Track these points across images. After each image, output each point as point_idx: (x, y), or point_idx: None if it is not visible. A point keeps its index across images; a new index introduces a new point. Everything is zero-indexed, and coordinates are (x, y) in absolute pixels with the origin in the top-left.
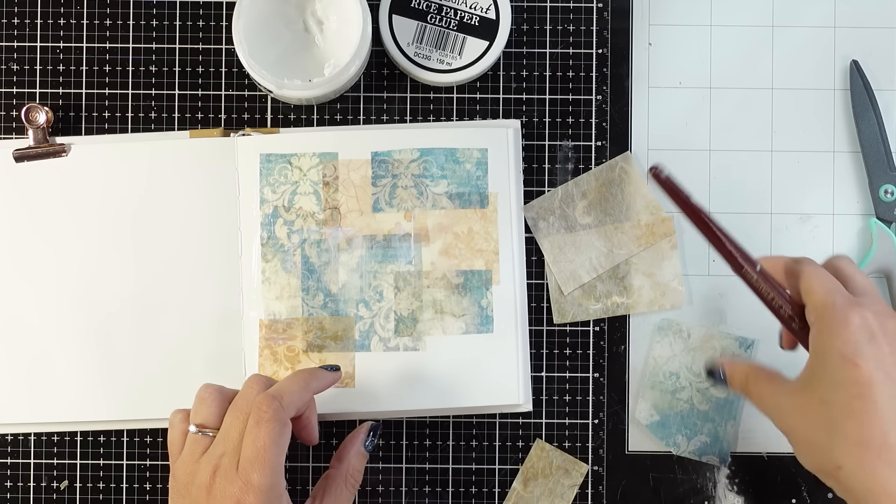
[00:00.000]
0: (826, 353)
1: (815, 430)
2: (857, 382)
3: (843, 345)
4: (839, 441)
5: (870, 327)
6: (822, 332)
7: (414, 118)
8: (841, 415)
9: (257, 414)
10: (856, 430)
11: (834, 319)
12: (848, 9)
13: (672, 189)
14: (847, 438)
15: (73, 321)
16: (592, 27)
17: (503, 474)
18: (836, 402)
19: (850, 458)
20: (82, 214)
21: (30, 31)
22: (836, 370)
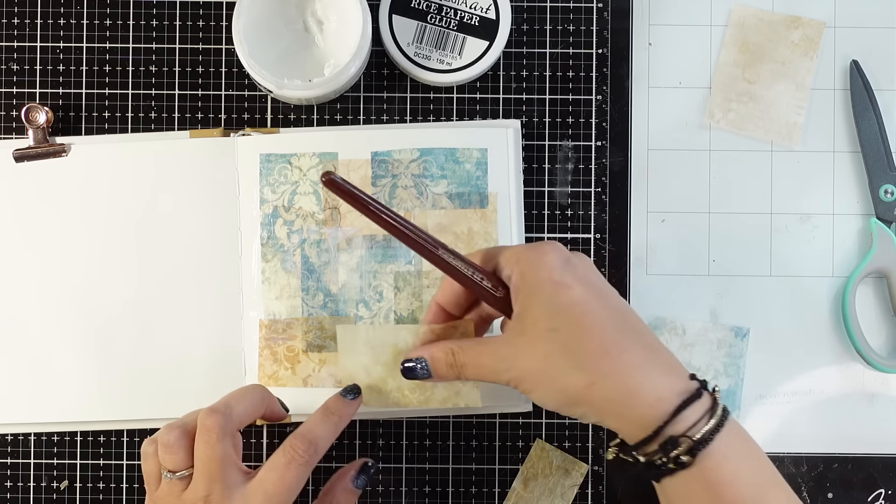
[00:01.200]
0: (535, 286)
1: (552, 359)
2: (576, 302)
3: (550, 272)
4: (582, 358)
5: (564, 255)
6: (526, 272)
7: (414, 118)
8: (574, 336)
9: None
10: (594, 343)
11: (532, 256)
12: (847, 9)
13: (347, 193)
14: (589, 354)
15: (73, 321)
16: (592, 27)
17: (503, 474)
18: (564, 326)
19: (597, 370)
20: (82, 214)
21: (30, 31)
22: (551, 298)
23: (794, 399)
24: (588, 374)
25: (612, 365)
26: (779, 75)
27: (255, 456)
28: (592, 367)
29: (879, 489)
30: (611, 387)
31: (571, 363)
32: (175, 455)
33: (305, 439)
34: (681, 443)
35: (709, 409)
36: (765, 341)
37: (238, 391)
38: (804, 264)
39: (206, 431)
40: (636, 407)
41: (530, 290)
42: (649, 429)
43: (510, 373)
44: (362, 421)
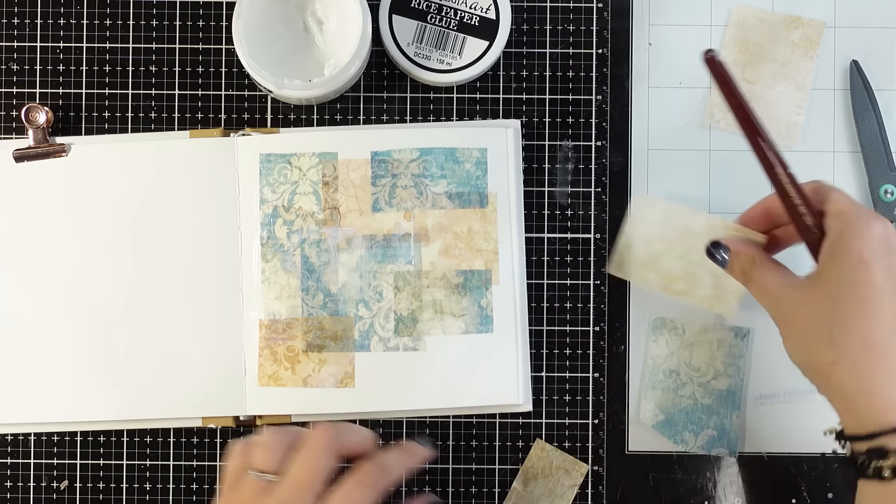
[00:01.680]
0: (843, 252)
1: (816, 323)
2: (869, 286)
3: (862, 247)
4: (842, 338)
5: (889, 239)
6: (844, 234)
7: (414, 118)
8: (847, 313)
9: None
10: (861, 330)
11: (858, 222)
12: (847, 9)
13: (722, 77)
14: (851, 337)
15: (73, 321)
16: (592, 27)
17: (503, 474)
18: (845, 301)
19: (849, 356)
20: (82, 214)
21: (30, 31)
22: (850, 270)
23: (794, 399)
24: (838, 353)
25: (866, 357)
26: (779, 75)
27: None
28: (847, 350)
29: None
30: (852, 375)
31: (830, 336)
32: (271, 456)
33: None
34: (889, 456)
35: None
36: (765, 341)
37: (352, 425)
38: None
39: (316, 442)
40: (865, 405)
41: (838, 254)
42: (866, 430)
43: (780, 312)
44: (362, 421)
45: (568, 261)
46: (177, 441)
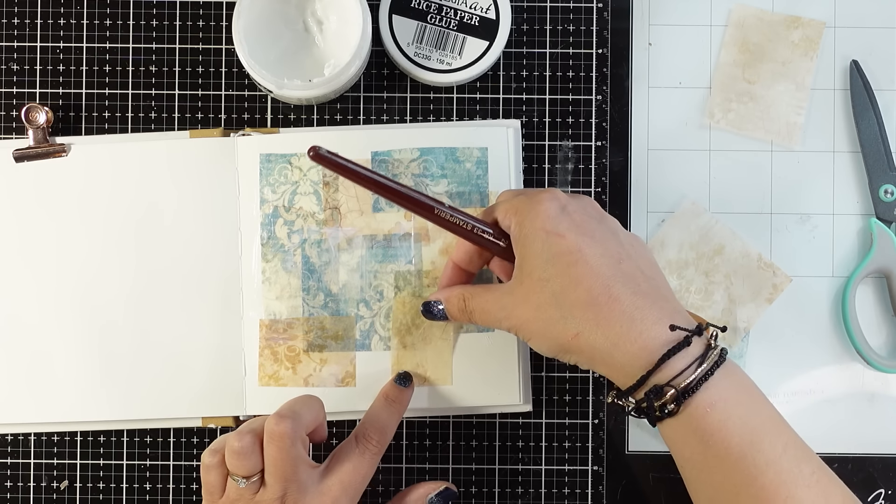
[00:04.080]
0: (530, 236)
1: (543, 309)
2: (567, 251)
3: (543, 221)
4: (570, 309)
5: (560, 201)
6: (522, 223)
7: (414, 118)
8: (563, 285)
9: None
10: (582, 293)
11: (529, 205)
12: (847, 9)
13: (337, 165)
14: (577, 303)
15: (73, 321)
16: (592, 27)
17: (503, 474)
18: (555, 276)
19: (584, 320)
20: (82, 214)
21: (30, 31)
22: (543, 247)
23: (794, 399)
24: (575, 323)
25: (599, 315)
26: (779, 75)
27: None
28: (580, 316)
29: (879, 489)
30: (597, 336)
31: (560, 313)
32: (248, 461)
33: (376, 428)
34: (665, 392)
35: (699, 356)
36: (765, 341)
37: (301, 399)
38: (804, 264)
39: (278, 437)
40: (622, 356)
41: (525, 240)
42: (634, 378)
43: (510, 321)
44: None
45: None
46: (177, 441)
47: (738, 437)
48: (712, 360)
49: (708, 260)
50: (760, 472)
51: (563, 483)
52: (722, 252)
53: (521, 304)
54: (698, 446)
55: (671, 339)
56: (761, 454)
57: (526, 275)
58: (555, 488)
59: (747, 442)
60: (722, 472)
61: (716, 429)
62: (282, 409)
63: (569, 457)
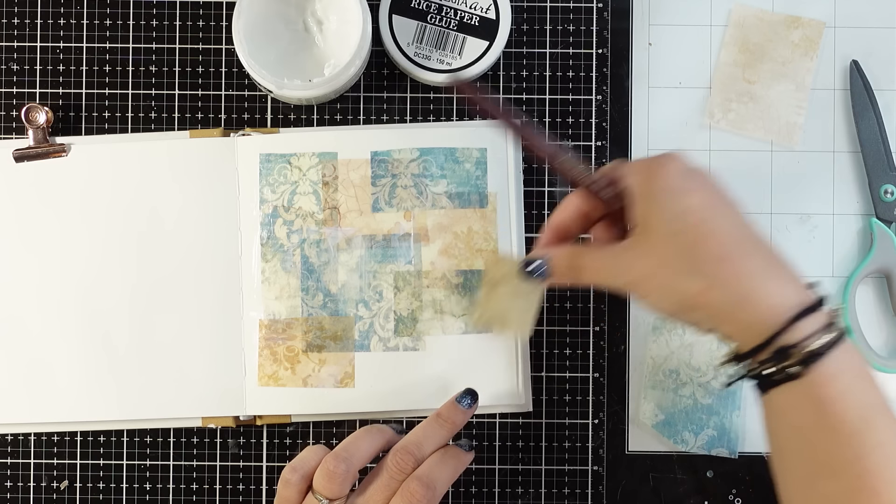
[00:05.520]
0: (658, 193)
1: (669, 263)
2: (698, 208)
3: (673, 179)
4: (700, 263)
5: (685, 165)
6: (650, 178)
7: (414, 118)
8: (695, 239)
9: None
10: (714, 247)
11: (656, 164)
12: (847, 9)
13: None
14: (708, 258)
15: (73, 321)
16: (592, 27)
17: (503, 474)
18: (685, 230)
19: (715, 275)
20: (82, 214)
21: (30, 31)
22: (672, 204)
23: None
24: (705, 278)
25: (731, 270)
26: (779, 75)
27: (254, 455)
28: (710, 271)
29: None
30: (727, 292)
31: (689, 267)
32: (339, 487)
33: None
34: (793, 353)
35: (826, 324)
36: None
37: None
38: (804, 264)
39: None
40: (751, 313)
41: (652, 197)
42: (762, 336)
43: (627, 276)
44: (362, 421)
45: None
46: (177, 441)
47: (854, 412)
48: (838, 328)
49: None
50: (868, 451)
51: (563, 483)
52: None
53: (641, 260)
54: (812, 415)
55: (801, 302)
56: (874, 433)
57: (652, 230)
58: (555, 488)
59: (863, 418)
60: (831, 445)
61: (835, 398)
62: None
63: (569, 457)
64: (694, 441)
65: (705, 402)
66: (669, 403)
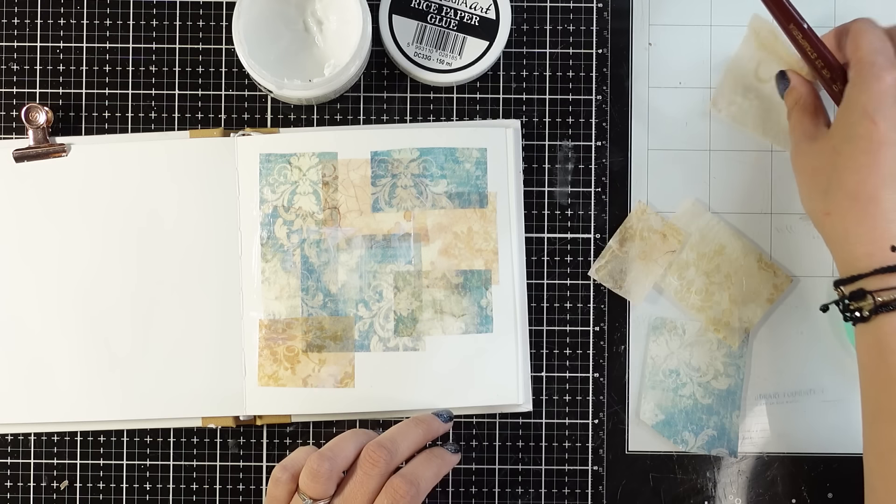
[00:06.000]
0: (852, 106)
1: (818, 174)
2: (869, 139)
3: (868, 100)
4: (835, 189)
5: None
6: (855, 86)
7: (414, 118)
8: (844, 165)
9: (393, 498)
10: (852, 182)
11: (869, 75)
12: (848, 9)
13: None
14: (842, 188)
15: (73, 321)
16: (592, 27)
17: (503, 474)
18: (845, 153)
19: (839, 206)
20: (82, 214)
21: (30, 31)
22: (854, 123)
23: (794, 399)
24: (830, 204)
25: (854, 207)
26: None
27: (254, 455)
28: (838, 201)
29: None
30: (840, 225)
31: (826, 187)
32: (322, 486)
33: (407, 481)
34: (866, 297)
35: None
36: (765, 341)
37: (404, 428)
38: (804, 264)
39: (371, 464)
40: (848, 251)
41: (847, 106)
42: (849, 273)
43: (795, 159)
44: (362, 421)
45: (568, 261)
46: (177, 441)
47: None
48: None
49: (709, 260)
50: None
51: (563, 483)
52: (723, 252)
53: (808, 156)
54: (876, 358)
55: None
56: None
57: (830, 136)
58: (555, 488)
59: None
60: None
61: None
62: (383, 436)
63: (569, 457)
64: (694, 441)
65: (705, 402)
66: (669, 403)
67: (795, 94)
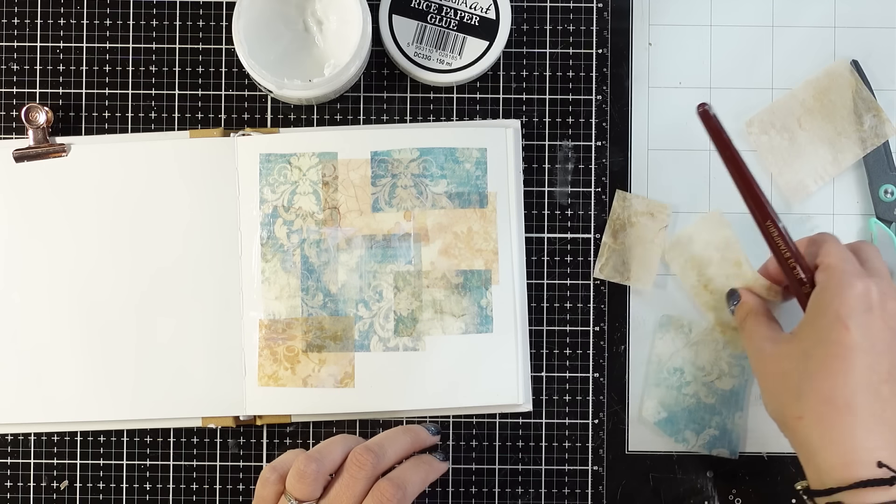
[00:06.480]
0: (823, 310)
1: (788, 378)
2: (841, 344)
3: (841, 306)
4: (808, 393)
5: (871, 298)
6: (826, 290)
7: (414, 118)
8: (817, 370)
9: (380, 501)
10: (826, 387)
11: (841, 281)
12: (848, 9)
13: (716, 130)
14: (816, 393)
15: (73, 321)
16: (592, 27)
17: (503, 474)
18: (817, 357)
19: (813, 411)
20: (82, 214)
21: (30, 31)
22: (826, 328)
23: None
24: (803, 408)
25: (830, 413)
26: (826, 141)
27: (254, 455)
28: (812, 405)
29: None
30: (816, 430)
31: (798, 391)
32: (308, 487)
33: (394, 485)
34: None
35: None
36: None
37: (392, 434)
38: None
39: (357, 467)
40: (824, 461)
41: (817, 310)
42: (826, 485)
43: (757, 363)
44: (362, 421)
45: (568, 261)
46: (177, 441)
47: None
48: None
49: (728, 266)
50: None
51: (563, 483)
52: (739, 266)
53: (775, 359)
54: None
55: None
56: None
57: (797, 339)
58: (555, 488)
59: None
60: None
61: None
62: (372, 441)
63: (569, 457)
64: (695, 440)
65: (708, 402)
66: (672, 401)
67: (747, 307)
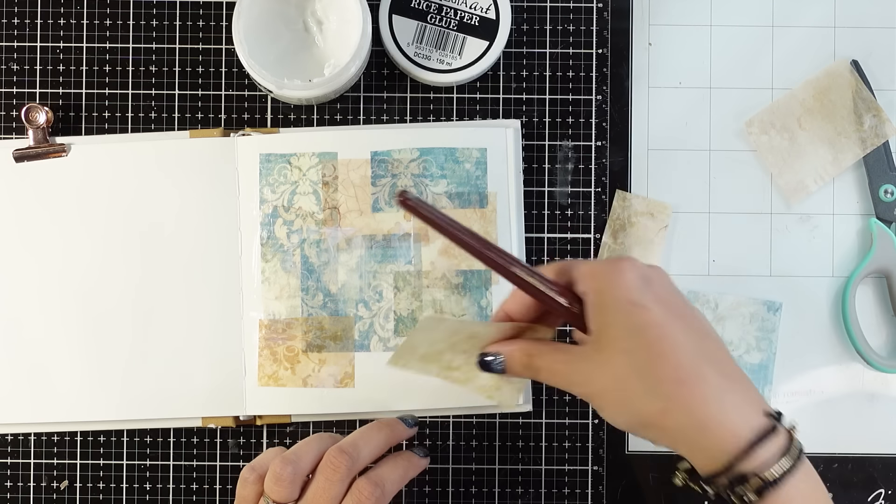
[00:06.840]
0: (612, 305)
1: (624, 381)
2: (653, 325)
3: (627, 292)
4: (656, 384)
5: (642, 272)
6: (603, 290)
7: (414, 118)
8: (649, 359)
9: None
10: (670, 369)
11: (611, 274)
12: (848, 9)
13: (421, 212)
14: (664, 379)
15: (73, 321)
16: (592, 27)
17: (503, 474)
18: (640, 349)
19: (672, 398)
20: (82, 215)
21: (30, 31)
22: (627, 319)
23: (794, 399)
24: (662, 400)
25: (687, 394)
26: (827, 142)
27: (254, 455)
28: (667, 393)
29: (879, 489)
30: (684, 416)
31: (645, 387)
32: (285, 489)
33: (372, 483)
34: (750, 481)
35: (784, 447)
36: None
37: (367, 432)
38: (804, 264)
39: (332, 470)
40: (708, 439)
41: (606, 309)
42: (719, 463)
43: (584, 388)
44: (362, 421)
45: None
46: (177, 441)
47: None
48: (795, 454)
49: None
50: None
51: (563, 483)
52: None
53: (600, 374)
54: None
55: (758, 426)
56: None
57: (605, 344)
58: (555, 488)
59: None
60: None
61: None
62: (346, 441)
63: (569, 457)
64: None
65: None
66: None
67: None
